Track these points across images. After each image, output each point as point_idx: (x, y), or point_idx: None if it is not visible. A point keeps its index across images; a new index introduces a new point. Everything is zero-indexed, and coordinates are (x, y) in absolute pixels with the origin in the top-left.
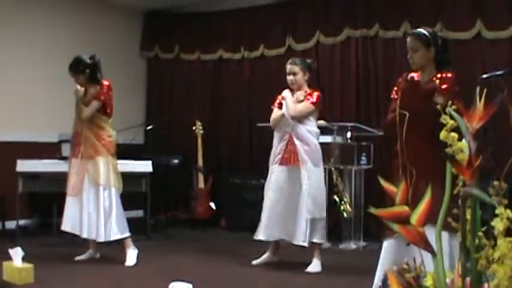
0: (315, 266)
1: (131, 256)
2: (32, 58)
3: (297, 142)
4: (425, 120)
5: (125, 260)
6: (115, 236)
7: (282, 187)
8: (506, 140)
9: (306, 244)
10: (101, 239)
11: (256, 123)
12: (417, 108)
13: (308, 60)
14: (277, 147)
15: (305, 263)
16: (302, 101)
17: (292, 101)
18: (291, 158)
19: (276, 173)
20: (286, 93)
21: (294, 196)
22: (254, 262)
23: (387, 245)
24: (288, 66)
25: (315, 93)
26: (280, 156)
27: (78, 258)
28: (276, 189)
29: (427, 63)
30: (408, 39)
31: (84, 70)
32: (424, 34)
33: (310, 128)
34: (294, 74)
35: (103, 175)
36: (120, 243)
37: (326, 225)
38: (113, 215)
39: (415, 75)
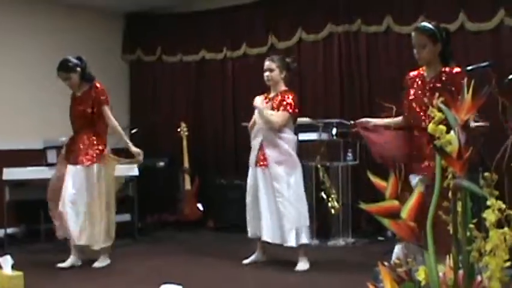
0: (302, 265)
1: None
2: (14, 64)
3: (267, 150)
4: None
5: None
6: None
7: (256, 189)
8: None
9: (294, 245)
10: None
11: (240, 123)
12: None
13: (287, 59)
14: (252, 152)
15: (294, 261)
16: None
17: (266, 113)
18: (263, 163)
19: (250, 175)
20: (258, 102)
21: (271, 199)
22: (245, 261)
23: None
24: (266, 63)
25: (290, 96)
26: (254, 160)
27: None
28: (250, 191)
29: (434, 58)
30: (414, 34)
31: (75, 68)
32: (431, 29)
33: (283, 135)
34: (271, 70)
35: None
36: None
37: (313, 224)
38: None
39: (415, 72)
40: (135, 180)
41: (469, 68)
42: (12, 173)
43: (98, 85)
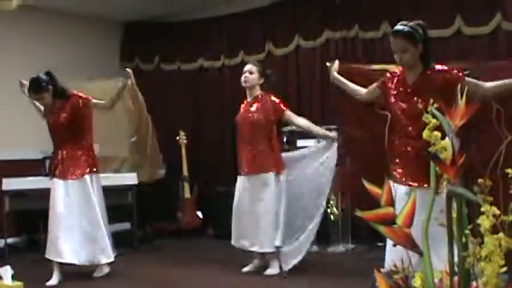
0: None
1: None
2: (11, 73)
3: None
4: None
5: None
6: None
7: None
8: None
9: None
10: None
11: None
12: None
13: (268, 70)
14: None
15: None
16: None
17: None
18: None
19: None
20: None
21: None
22: (244, 270)
23: None
24: (247, 66)
25: (272, 97)
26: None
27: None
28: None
29: (416, 61)
30: (393, 40)
31: (47, 87)
32: (410, 31)
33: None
34: (250, 73)
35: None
36: None
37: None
38: None
39: (396, 72)
40: (134, 188)
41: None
42: (11, 183)
43: (74, 93)
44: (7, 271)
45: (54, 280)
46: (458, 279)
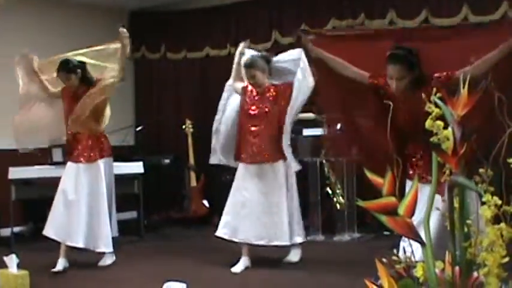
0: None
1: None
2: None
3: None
4: None
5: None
6: None
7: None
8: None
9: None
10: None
11: None
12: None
13: (263, 54)
14: None
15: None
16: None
17: None
18: None
19: None
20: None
21: None
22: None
23: None
24: (248, 73)
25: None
26: None
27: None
28: None
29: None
30: (390, 67)
31: (76, 70)
32: (408, 59)
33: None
34: (253, 77)
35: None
36: None
37: (318, 219)
38: None
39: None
40: (140, 177)
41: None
42: (17, 172)
43: (99, 78)
44: (13, 260)
45: (59, 266)
46: (459, 269)
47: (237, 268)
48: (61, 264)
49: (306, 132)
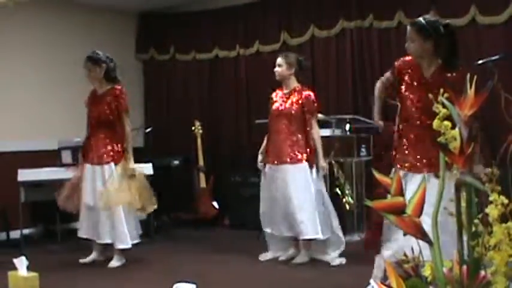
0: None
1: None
2: (27, 64)
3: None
4: None
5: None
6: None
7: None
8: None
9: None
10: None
11: (254, 120)
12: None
13: (300, 57)
14: None
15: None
16: None
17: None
18: None
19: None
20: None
21: None
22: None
23: None
24: (277, 59)
25: (305, 94)
26: None
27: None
28: None
29: (425, 55)
30: (409, 28)
31: (101, 63)
32: (423, 25)
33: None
34: (279, 65)
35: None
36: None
37: None
38: None
39: (409, 60)
40: (150, 179)
41: (480, 62)
42: (27, 174)
43: (119, 87)
44: (22, 262)
45: (90, 258)
46: (467, 268)
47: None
48: (91, 256)
49: None
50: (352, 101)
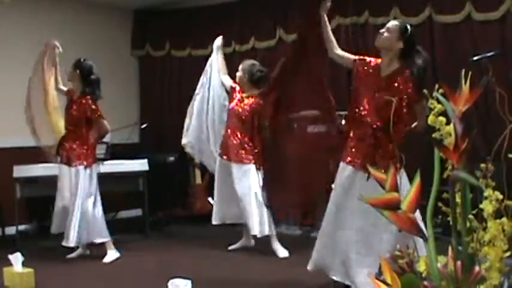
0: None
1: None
2: (22, 60)
3: None
4: None
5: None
6: None
7: None
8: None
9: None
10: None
11: None
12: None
13: (254, 65)
14: None
15: (303, 254)
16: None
17: None
18: None
19: None
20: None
21: None
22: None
23: None
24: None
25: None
26: None
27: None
28: None
29: (389, 51)
30: (390, 22)
31: (75, 69)
32: (405, 26)
33: None
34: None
35: None
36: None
37: None
38: None
39: (371, 61)
40: (145, 175)
41: (475, 58)
42: (22, 170)
43: (88, 97)
44: (18, 258)
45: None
46: (461, 263)
47: None
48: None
49: (310, 129)
50: (346, 98)
